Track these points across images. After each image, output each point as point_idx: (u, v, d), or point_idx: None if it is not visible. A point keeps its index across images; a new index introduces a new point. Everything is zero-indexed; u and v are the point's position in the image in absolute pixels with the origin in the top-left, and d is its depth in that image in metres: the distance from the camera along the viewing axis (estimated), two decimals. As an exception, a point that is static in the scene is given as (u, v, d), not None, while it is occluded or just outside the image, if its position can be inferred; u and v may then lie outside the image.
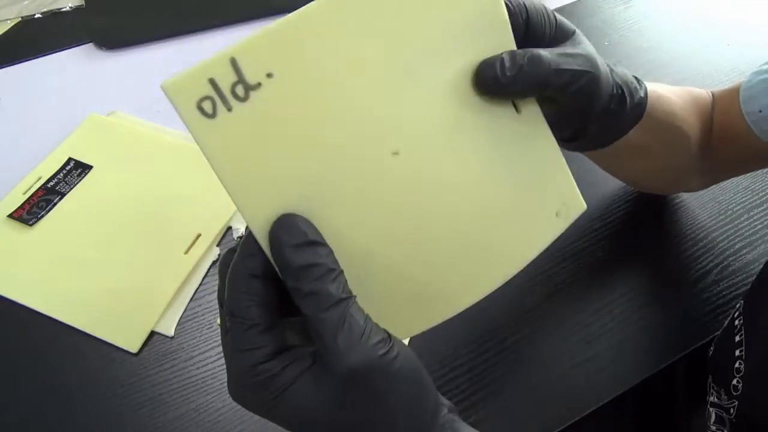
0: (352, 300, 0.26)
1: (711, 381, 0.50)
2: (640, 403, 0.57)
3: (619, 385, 0.49)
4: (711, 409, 0.49)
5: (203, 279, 0.54)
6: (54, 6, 0.77)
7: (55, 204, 0.57)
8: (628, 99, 0.40)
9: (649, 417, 0.57)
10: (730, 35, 0.76)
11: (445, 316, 0.32)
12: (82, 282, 0.53)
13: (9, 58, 0.72)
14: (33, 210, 0.57)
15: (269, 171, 0.26)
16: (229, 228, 0.57)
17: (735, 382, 0.46)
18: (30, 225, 0.56)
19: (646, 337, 0.51)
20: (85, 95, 0.68)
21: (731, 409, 0.46)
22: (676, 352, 0.51)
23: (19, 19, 0.76)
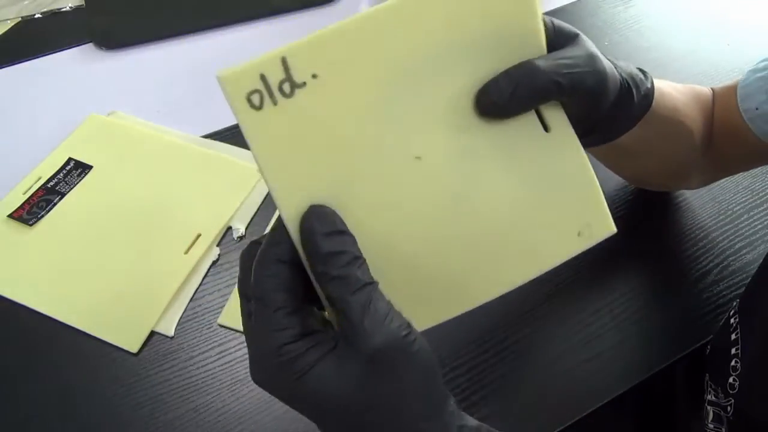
0: (375, 285, 0.28)
1: (708, 379, 0.50)
2: (639, 403, 0.57)
3: (619, 385, 0.49)
4: (709, 408, 0.49)
5: (203, 279, 0.54)
6: (54, 6, 0.77)
7: (55, 204, 0.57)
8: (635, 91, 0.40)
9: (649, 417, 0.57)
10: (730, 35, 0.76)
11: (449, 315, 0.33)
12: (82, 282, 0.53)
13: (9, 58, 0.72)
14: (33, 210, 0.57)
15: (304, 164, 0.28)
16: (229, 228, 0.57)
17: (731, 380, 0.46)
18: (30, 225, 0.56)
19: (646, 337, 0.51)
20: (85, 95, 0.68)
21: (728, 407, 0.46)
22: (675, 352, 0.51)
23: (19, 19, 0.76)
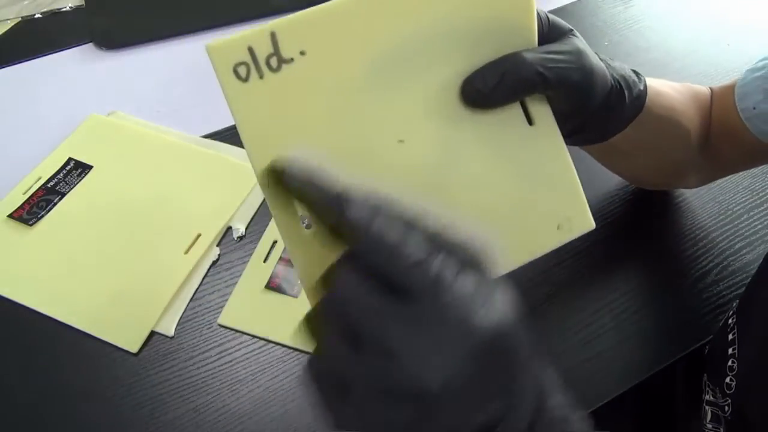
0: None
1: (706, 379, 0.50)
2: (639, 403, 0.57)
3: (619, 385, 0.49)
4: (707, 408, 0.49)
5: (203, 279, 0.54)
6: (54, 6, 0.77)
7: (55, 204, 0.57)
8: (626, 93, 0.40)
9: (649, 417, 0.57)
10: (730, 35, 0.76)
11: None
12: (82, 282, 0.53)
13: (9, 58, 0.72)
14: (33, 210, 0.57)
15: (286, 138, 0.29)
16: (229, 228, 0.57)
17: (728, 380, 0.46)
18: (30, 225, 0.56)
19: (646, 337, 0.51)
20: (85, 95, 0.68)
21: (726, 407, 0.46)
22: (675, 352, 0.51)
23: (19, 19, 0.76)
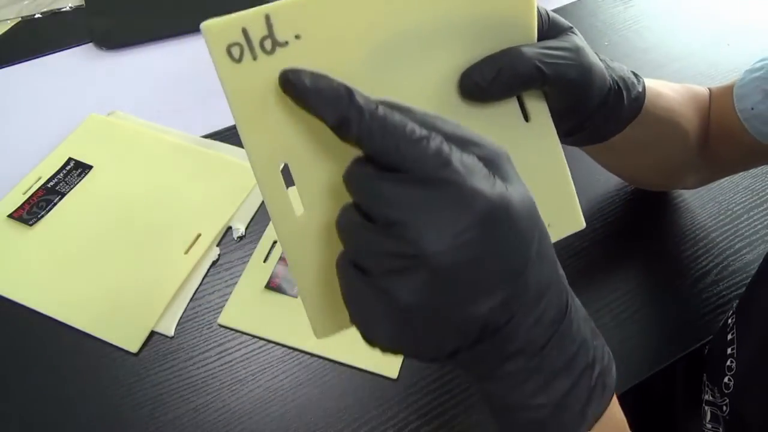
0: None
1: (705, 379, 0.50)
2: (639, 403, 0.57)
3: (619, 385, 0.49)
4: (706, 408, 0.49)
5: (203, 279, 0.54)
6: (54, 6, 0.77)
7: (55, 204, 0.57)
8: (625, 94, 0.40)
9: (648, 417, 0.57)
10: (730, 35, 0.76)
11: None
12: (82, 282, 0.53)
13: (9, 58, 0.72)
14: (33, 210, 0.57)
15: (279, 120, 0.29)
16: (229, 228, 0.57)
17: (726, 380, 0.46)
18: (30, 225, 0.56)
19: (645, 337, 0.51)
20: (85, 95, 0.68)
21: (724, 407, 0.46)
22: (675, 352, 0.51)
23: (19, 19, 0.76)
